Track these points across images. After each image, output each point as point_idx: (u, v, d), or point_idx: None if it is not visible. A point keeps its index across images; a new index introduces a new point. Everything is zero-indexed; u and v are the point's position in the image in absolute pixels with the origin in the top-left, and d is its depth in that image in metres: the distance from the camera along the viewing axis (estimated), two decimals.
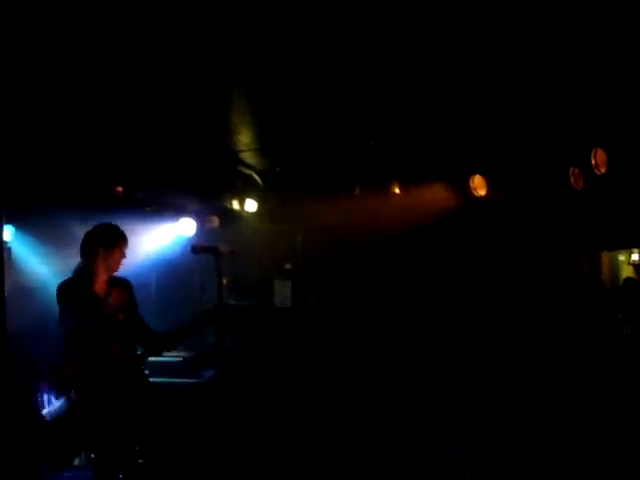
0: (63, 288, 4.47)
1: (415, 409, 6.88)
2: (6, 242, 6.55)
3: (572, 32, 4.60)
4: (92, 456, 4.41)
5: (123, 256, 4.65)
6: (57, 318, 4.50)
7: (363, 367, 7.89)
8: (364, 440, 6.29)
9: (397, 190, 8.30)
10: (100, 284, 4.58)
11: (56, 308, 4.49)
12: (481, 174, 7.78)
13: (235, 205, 8.64)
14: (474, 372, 7.40)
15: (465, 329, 8.12)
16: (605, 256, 12.22)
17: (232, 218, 8.82)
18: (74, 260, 4.67)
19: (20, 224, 6.93)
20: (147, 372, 4.80)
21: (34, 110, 5.41)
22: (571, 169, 7.10)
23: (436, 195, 8.06)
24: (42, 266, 7.02)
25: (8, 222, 6.66)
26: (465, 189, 7.84)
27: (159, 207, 8.05)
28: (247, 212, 8.69)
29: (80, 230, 4.81)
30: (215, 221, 8.90)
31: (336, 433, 6.56)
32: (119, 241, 4.62)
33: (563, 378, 6.91)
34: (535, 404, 6.42)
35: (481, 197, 7.78)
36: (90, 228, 4.65)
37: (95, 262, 4.54)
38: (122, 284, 4.73)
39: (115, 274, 4.67)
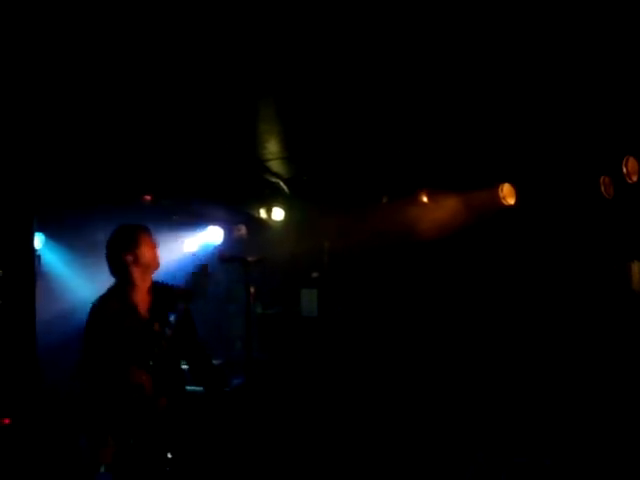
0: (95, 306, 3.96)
1: (440, 417, 6.83)
2: (36, 250, 6.65)
3: (605, 37, 4.54)
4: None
5: (153, 249, 4.11)
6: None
7: (390, 376, 7.85)
8: (393, 449, 6.26)
9: (425, 199, 8.25)
10: (141, 295, 4.08)
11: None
12: (510, 183, 7.71)
13: (262, 214, 8.67)
14: (503, 383, 7.32)
15: (497, 339, 8.03)
16: (635, 266, 12.03)
17: (259, 226, 8.85)
18: (102, 267, 4.55)
19: (50, 232, 7.02)
20: None
21: (66, 121, 5.47)
22: (602, 178, 7.00)
23: (464, 204, 7.99)
24: (70, 273, 7.11)
25: (38, 230, 6.76)
26: (494, 198, 7.76)
27: (187, 215, 8.10)
28: (274, 220, 8.71)
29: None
30: (242, 229, 8.95)
31: (363, 442, 6.52)
32: (138, 237, 4.06)
33: (592, 390, 6.81)
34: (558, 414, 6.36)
35: (510, 206, 7.71)
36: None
37: (128, 272, 4.03)
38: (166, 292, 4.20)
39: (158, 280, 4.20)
